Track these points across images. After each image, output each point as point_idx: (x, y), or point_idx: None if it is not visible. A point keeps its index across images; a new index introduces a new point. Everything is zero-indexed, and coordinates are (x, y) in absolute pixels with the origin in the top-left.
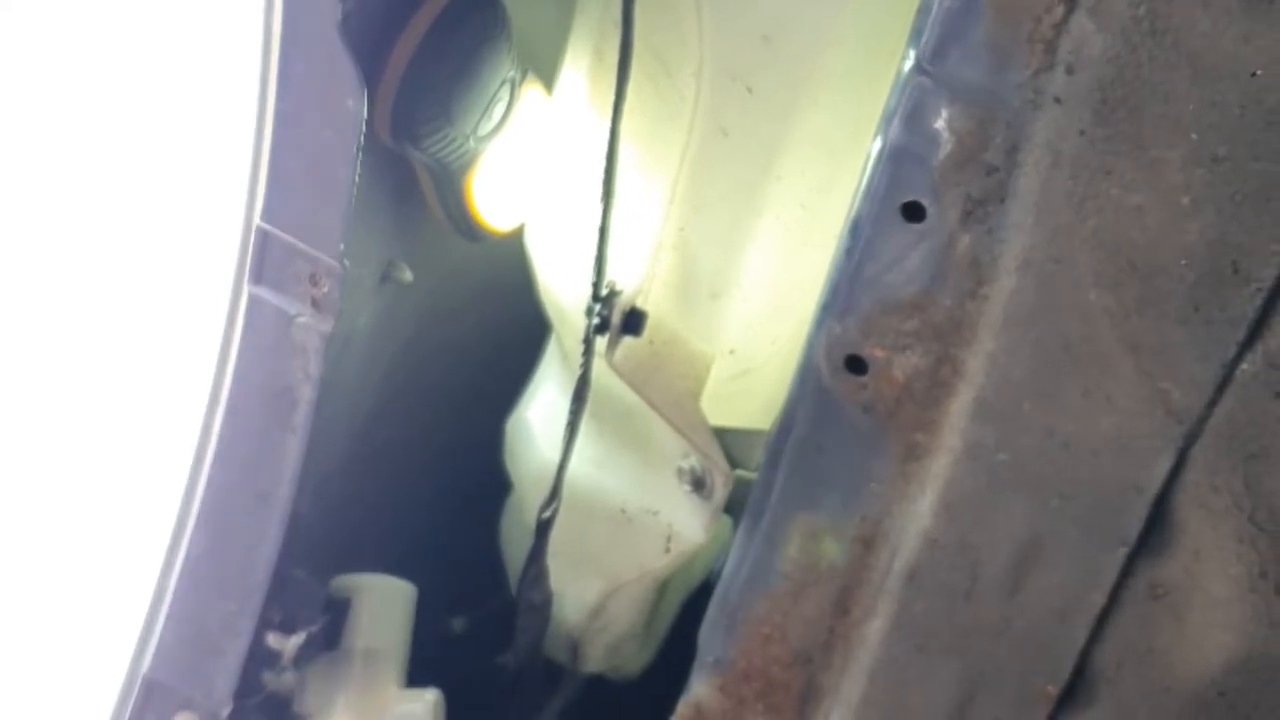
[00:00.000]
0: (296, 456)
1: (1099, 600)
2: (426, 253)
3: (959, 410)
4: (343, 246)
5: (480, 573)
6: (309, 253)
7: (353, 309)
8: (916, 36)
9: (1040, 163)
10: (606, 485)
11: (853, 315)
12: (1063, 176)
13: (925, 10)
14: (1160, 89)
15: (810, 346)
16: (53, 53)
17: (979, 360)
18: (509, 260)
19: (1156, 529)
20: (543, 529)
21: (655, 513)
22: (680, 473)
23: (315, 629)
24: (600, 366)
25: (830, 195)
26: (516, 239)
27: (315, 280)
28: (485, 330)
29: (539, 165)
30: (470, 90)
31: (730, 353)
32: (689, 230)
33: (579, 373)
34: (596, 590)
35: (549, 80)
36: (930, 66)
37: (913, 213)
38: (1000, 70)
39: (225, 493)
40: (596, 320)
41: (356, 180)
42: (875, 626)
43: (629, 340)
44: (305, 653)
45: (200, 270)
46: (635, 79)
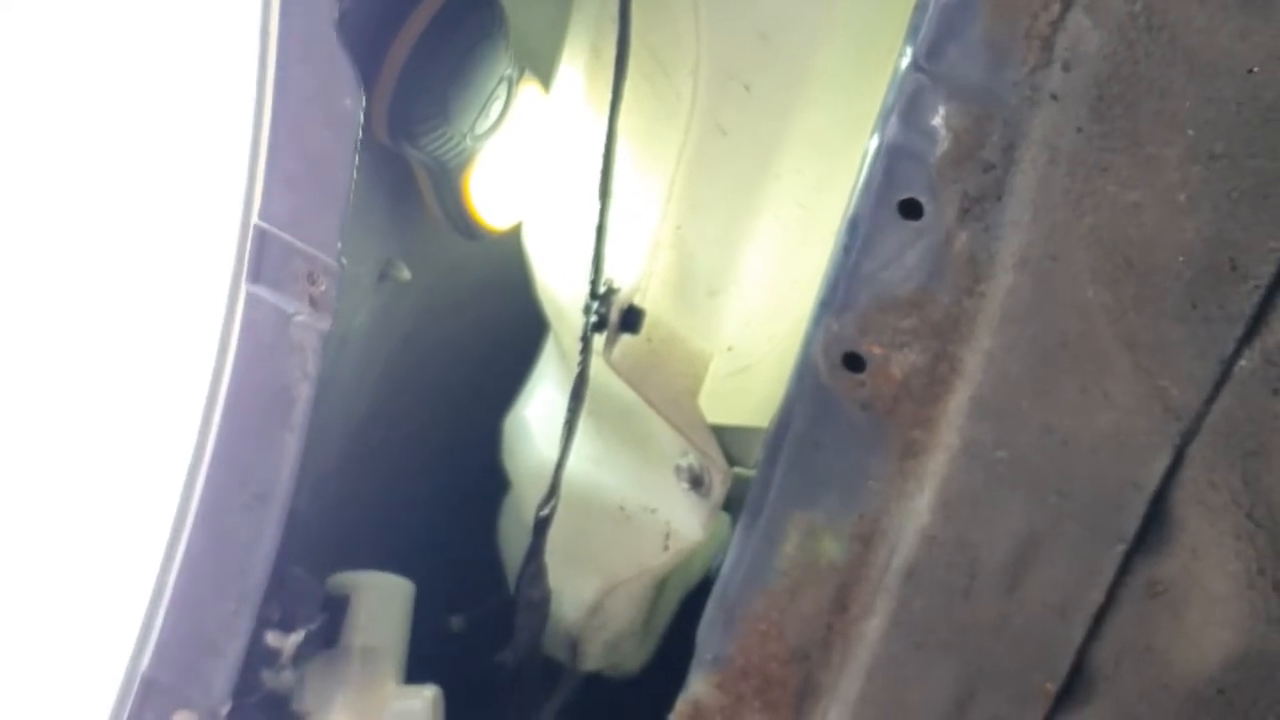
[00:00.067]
0: (294, 455)
1: (1097, 597)
2: (424, 251)
3: (957, 407)
4: (340, 245)
5: (479, 570)
6: (306, 251)
7: (350, 307)
8: (913, 34)
9: (1037, 160)
10: (605, 483)
11: (850, 312)
12: (1060, 173)
13: (922, 7)
14: (1157, 86)
15: (808, 344)
16: (52, 53)
17: (977, 357)
18: (507, 258)
19: (1155, 526)
20: (541, 527)
21: (653, 510)
22: (678, 470)
23: (314, 627)
24: (598, 364)
25: (828, 193)
26: (514, 237)
27: (313, 279)
28: (483, 328)
29: (536, 164)
30: (467, 89)
31: (728, 350)
32: (686, 228)
33: (577, 371)
34: (595, 588)
35: (546, 79)
36: (927, 64)
37: (910, 210)
38: (997, 67)
39: (223, 491)
40: (594, 318)
41: (354, 179)
42: (873, 624)
43: (627, 338)
44: (304, 651)
45: (198, 269)
46: (632, 77)
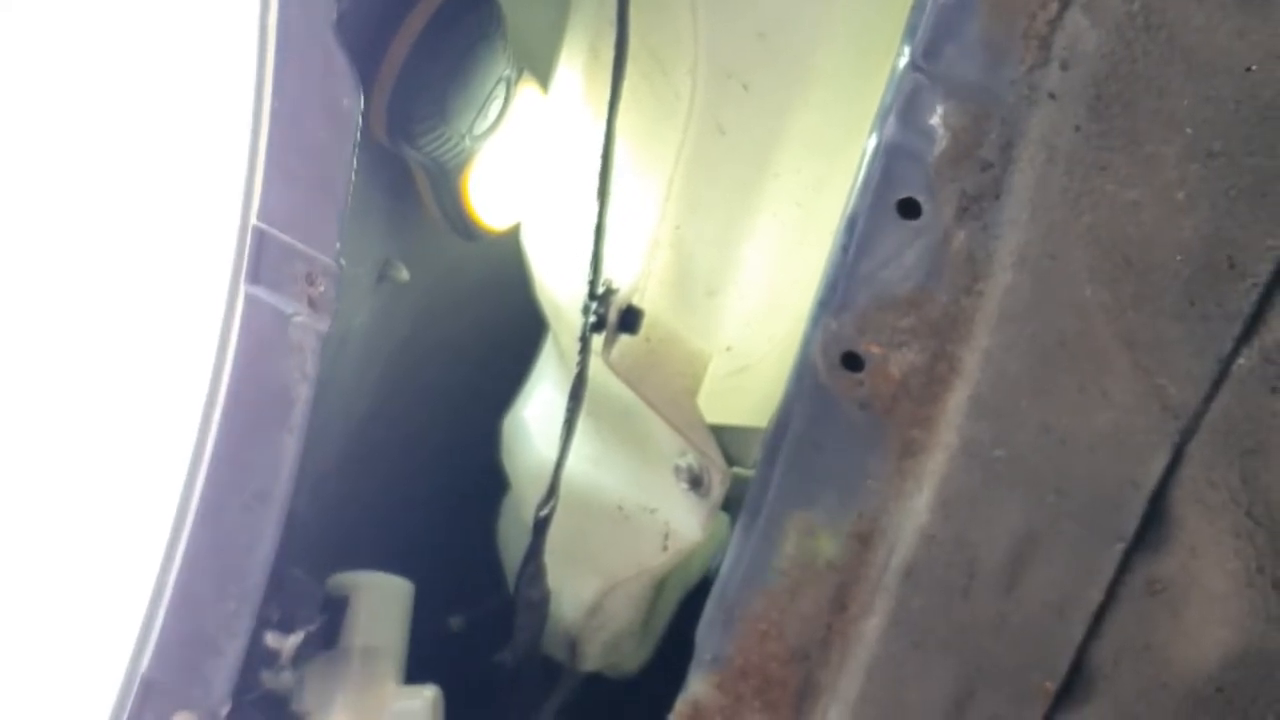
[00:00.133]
0: (293, 455)
1: (1096, 596)
2: (423, 252)
3: (955, 406)
4: (339, 246)
5: (478, 571)
6: (305, 252)
7: (349, 308)
8: (911, 33)
9: (1035, 159)
10: (604, 483)
11: (849, 312)
12: (1058, 172)
13: (920, 7)
14: (1155, 84)
15: (807, 343)
16: (51, 52)
17: (975, 356)
18: (505, 259)
19: (1153, 525)
20: (540, 527)
21: (652, 510)
22: (677, 470)
23: (313, 628)
24: (597, 364)
25: (826, 192)
26: (513, 238)
27: (312, 279)
28: (482, 329)
29: (535, 164)
30: (466, 89)
31: (727, 350)
32: (685, 228)
33: (576, 371)
34: (594, 588)
35: (544, 79)
36: (925, 63)
37: (908, 209)
38: (995, 66)
39: (223, 492)
40: (593, 318)
41: (352, 179)
42: (873, 623)
43: (625, 338)
44: (303, 651)
45: (197, 270)
46: (631, 77)
